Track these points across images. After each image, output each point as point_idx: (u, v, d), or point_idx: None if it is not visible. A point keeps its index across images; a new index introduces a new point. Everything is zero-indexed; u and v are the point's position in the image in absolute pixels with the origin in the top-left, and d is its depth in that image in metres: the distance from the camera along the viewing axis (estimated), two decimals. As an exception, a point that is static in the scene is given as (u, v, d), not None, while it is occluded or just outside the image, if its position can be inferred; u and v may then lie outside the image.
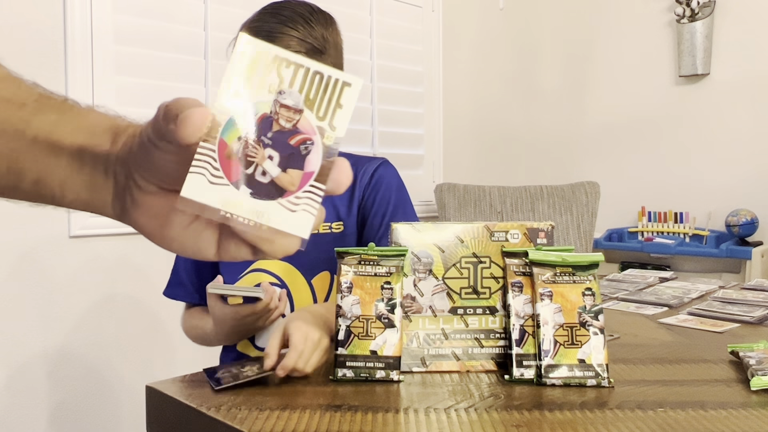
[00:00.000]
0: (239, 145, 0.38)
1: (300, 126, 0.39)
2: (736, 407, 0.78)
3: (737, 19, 2.79)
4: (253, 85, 0.39)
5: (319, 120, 0.39)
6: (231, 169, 0.38)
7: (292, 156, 0.39)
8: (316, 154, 0.39)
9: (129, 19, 1.88)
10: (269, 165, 0.39)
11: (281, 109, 0.39)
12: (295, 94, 0.39)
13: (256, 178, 0.39)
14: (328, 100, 0.39)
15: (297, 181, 0.39)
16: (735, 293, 1.47)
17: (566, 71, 3.32)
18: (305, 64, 0.39)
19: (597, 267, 0.91)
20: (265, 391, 0.85)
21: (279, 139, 0.39)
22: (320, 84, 0.39)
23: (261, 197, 0.39)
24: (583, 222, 2.48)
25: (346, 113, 0.40)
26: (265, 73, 0.39)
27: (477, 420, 0.75)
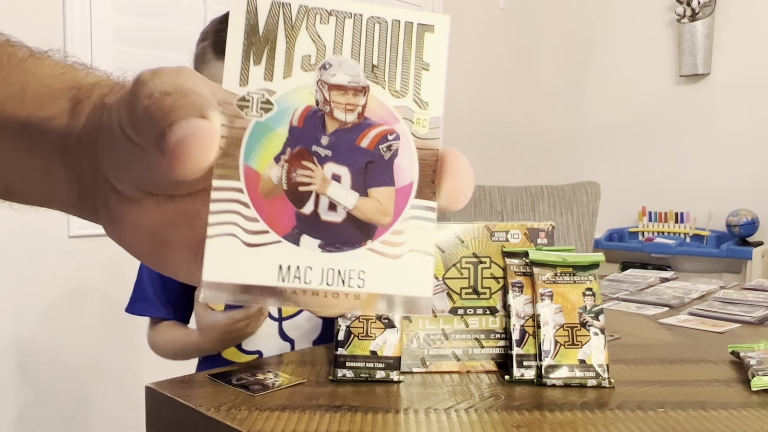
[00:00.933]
0: (279, 170, 0.24)
1: (370, 114, 0.25)
2: (736, 407, 0.78)
3: (738, 19, 2.79)
4: (275, 63, 0.25)
5: (398, 97, 0.25)
6: (277, 214, 0.24)
7: (370, 166, 0.25)
8: (407, 153, 0.25)
9: (128, 19, 1.88)
10: (338, 191, 0.25)
11: (332, 93, 0.25)
12: (349, 63, 0.25)
13: (322, 218, 0.25)
14: (404, 62, 0.25)
15: (389, 205, 0.25)
16: (735, 293, 1.46)
17: (566, 71, 3.32)
18: (353, 10, 0.25)
19: (597, 267, 0.91)
20: (264, 391, 0.85)
21: (342, 143, 0.25)
22: (385, 38, 0.25)
23: (338, 248, 0.25)
24: (583, 222, 2.48)
25: (437, 76, 0.26)
26: (290, 40, 0.25)
27: (477, 420, 0.75)
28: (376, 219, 0.25)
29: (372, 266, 0.25)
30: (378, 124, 0.25)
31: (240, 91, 0.24)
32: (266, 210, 0.24)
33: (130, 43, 1.88)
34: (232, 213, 0.24)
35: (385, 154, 0.25)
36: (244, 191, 0.24)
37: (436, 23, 0.26)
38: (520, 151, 3.33)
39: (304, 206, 0.24)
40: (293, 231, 0.24)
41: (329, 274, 0.24)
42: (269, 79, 0.25)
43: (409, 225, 0.25)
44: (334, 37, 0.25)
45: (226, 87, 0.24)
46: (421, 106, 0.25)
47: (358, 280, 0.24)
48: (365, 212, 0.25)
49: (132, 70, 0.29)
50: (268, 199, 0.24)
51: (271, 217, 0.24)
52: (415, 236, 0.25)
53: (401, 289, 0.25)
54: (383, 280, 0.25)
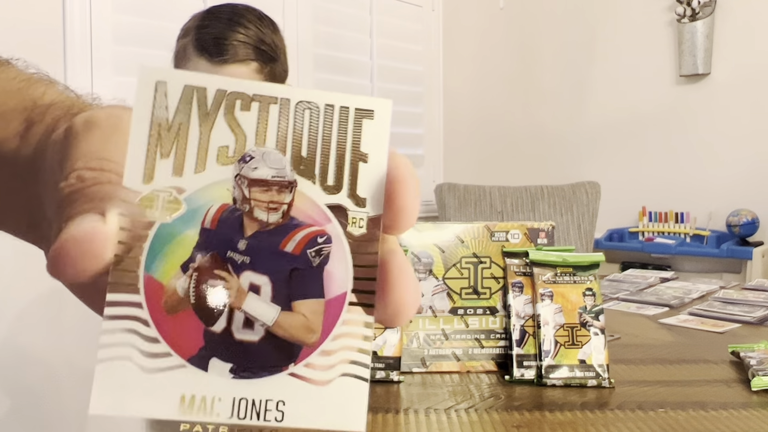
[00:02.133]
0: (187, 280, 0.21)
1: (296, 213, 0.22)
2: (736, 407, 0.78)
3: (738, 19, 2.79)
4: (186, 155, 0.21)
5: (330, 193, 0.22)
6: (182, 333, 0.21)
7: (295, 275, 0.21)
8: (339, 258, 0.22)
9: (128, 19, 1.88)
10: (255, 304, 0.21)
11: (253, 190, 0.21)
12: (273, 155, 0.22)
13: (235, 337, 0.21)
14: (338, 154, 0.22)
15: (317, 321, 0.21)
16: (736, 293, 1.46)
17: (566, 71, 3.32)
18: (279, 95, 0.22)
19: (598, 267, 0.91)
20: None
21: (262, 248, 0.21)
22: (316, 127, 0.22)
23: (254, 373, 0.21)
24: (583, 222, 2.48)
25: (377, 167, 0.22)
26: (204, 129, 0.21)
27: (477, 420, 0.75)
28: (301, 337, 0.21)
29: (294, 395, 0.21)
30: (306, 224, 0.22)
31: (144, 189, 0.21)
32: (169, 328, 0.21)
33: (130, 43, 1.88)
34: (128, 332, 0.20)
35: (314, 260, 0.21)
36: (144, 306, 0.21)
37: (376, 108, 0.22)
38: (520, 151, 3.33)
39: (214, 323, 0.21)
40: (200, 353, 0.21)
41: (241, 405, 0.20)
42: (179, 174, 0.21)
43: (340, 344, 0.21)
44: (257, 126, 0.22)
45: (128, 184, 0.21)
46: (357, 203, 0.22)
47: (276, 412, 0.20)
48: (288, 330, 0.21)
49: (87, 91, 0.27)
50: (173, 315, 0.21)
51: (175, 337, 0.21)
52: (348, 358, 0.21)
53: (329, 423, 0.21)
54: (307, 412, 0.21)
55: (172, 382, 0.20)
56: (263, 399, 0.21)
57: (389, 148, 0.22)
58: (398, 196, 0.22)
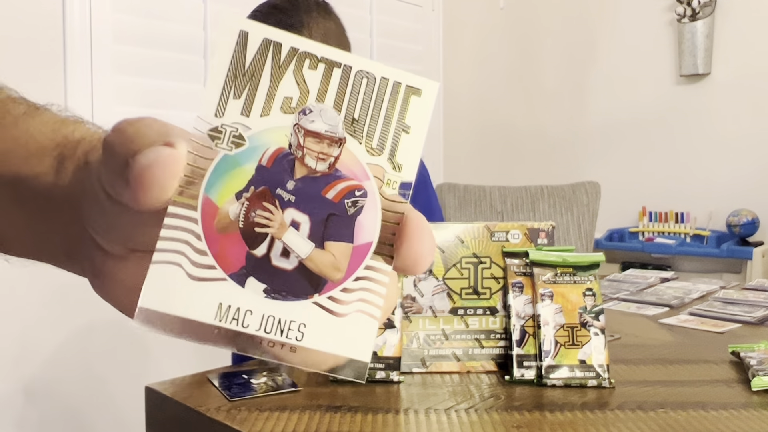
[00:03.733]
0: (239, 206, 0.24)
1: (341, 166, 0.24)
2: (737, 408, 0.78)
3: (738, 19, 2.79)
4: (255, 99, 0.24)
5: (373, 155, 0.24)
6: (228, 251, 0.23)
7: (331, 219, 0.24)
8: (371, 212, 0.24)
9: (128, 19, 1.88)
10: (294, 238, 0.24)
11: (307, 140, 0.24)
12: (330, 113, 0.24)
13: (273, 263, 0.24)
14: (385, 121, 0.25)
15: (344, 261, 0.24)
16: (736, 293, 1.46)
17: (567, 71, 3.32)
18: (344, 61, 0.24)
19: (598, 267, 0.91)
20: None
21: (307, 191, 0.24)
22: (370, 94, 0.24)
23: (283, 296, 0.24)
24: (583, 222, 2.48)
25: (416, 140, 0.25)
26: (275, 79, 0.24)
27: (477, 421, 0.75)
28: (328, 273, 0.24)
29: (315, 321, 0.24)
30: (347, 178, 0.24)
31: (214, 122, 0.24)
32: (217, 245, 0.23)
33: (130, 43, 1.88)
34: (182, 242, 0.23)
35: (349, 210, 0.24)
36: (199, 222, 0.23)
37: (425, 88, 0.25)
38: (520, 151, 3.33)
39: (256, 248, 0.24)
40: (240, 271, 0.23)
41: (269, 321, 0.23)
42: (246, 115, 0.24)
43: (360, 285, 0.24)
44: (320, 84, 0.24)
45: (201, 116, 0.24)
46: (394, 167, 0.25)
47: (297, 332, 0.24)
48: (318, 264, 0.24)
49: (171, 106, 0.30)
50: (222, 234, 0.23)
51: (221, 254, 0.23)
52: (364, 297, 0.24)
53: (339, 349, 0.24)
54: (324, 337, 0.24)
55: (212, 292, 0.23)
56: (288, 319, 0.24)
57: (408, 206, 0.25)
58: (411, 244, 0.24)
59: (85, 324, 1.85)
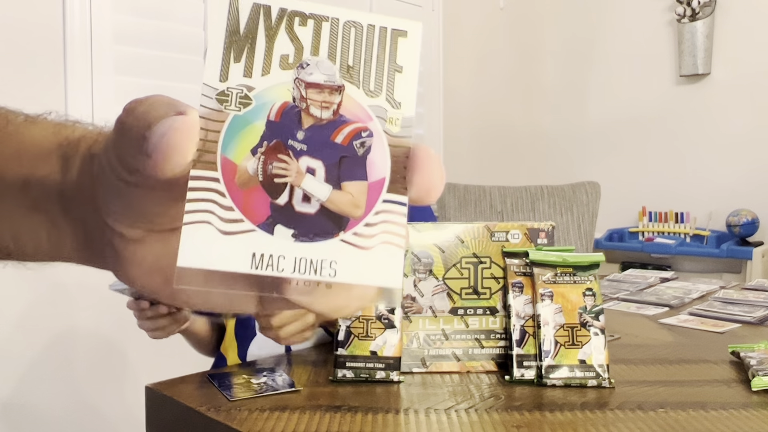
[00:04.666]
0: (256, 161, 0.25)
1: (345, 111, 0.26)
2: (737, 408, 0.78)
3: (738, 19, 2.79)
4: (255, 60, 0.25)
5: (371, 97, 0.26)
6: (252, 204, 0.25)
7: (343, 161, 0.26)
8: (379, 149, 0.26)
9: (128, 19, 1.88)
10: (312, 183, 0.25)
11: (309, 91, 0.26)
12: (326, 64, 0.26)
13: (295, 208, 0.25)
14: (378, 64, 0.26)
15: (362, 199, 0.25)
16: (736, 293, 1.46)
17: (567, 71, 3.32)
18: (330, 14, 0.26)
19: (598, 267, 0.91)
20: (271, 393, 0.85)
21: (317, 138, 0.26)
22: (360, 41, 0.26)
23: (310, 238, 0.25)
24: (583, 222, 2.48)
25: (410, 78, 0.27)
26: (269, 40, 0.25)
27: (477, 421, 0.75)
28: (349, 211, 0.25)
29: (344, 256, 0.25)
30: (352, 121, 0.26)
31: (220, 86, 0.25)
32: (242, 200, 0.25)
33: (130, 43, 1.88)
34: (208, 201, 0.24)
35: (359, 150, 0.26)
36: (221, 181, 0.25)
37: (409, 29, 0.27)
38: (520, 151, 3.33)
39: (278, 197, 0.25)
40: (268, 220, 0.25)
41: (302, 263, 0.25)
42: (248, 76, 0.25)
43: (380, 218, 0.25)
44: (312, 39, 0.26)
45: (207, 81, 0.25)
46: (394, 105, 0.26)
47: (330, 269, 0.25)
48: (338, 204, 0.25)
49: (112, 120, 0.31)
50: (244, 189, 0.25)
51: (247, 207, 0.25)
52: (387, 229, 0.25)
53: (372, 280, 0.25)
54: (355, 270, 0.25)
55: (245, 243, 0.24)
56: (319, 259, 0.25)
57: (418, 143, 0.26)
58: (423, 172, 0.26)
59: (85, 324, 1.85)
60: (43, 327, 1.78)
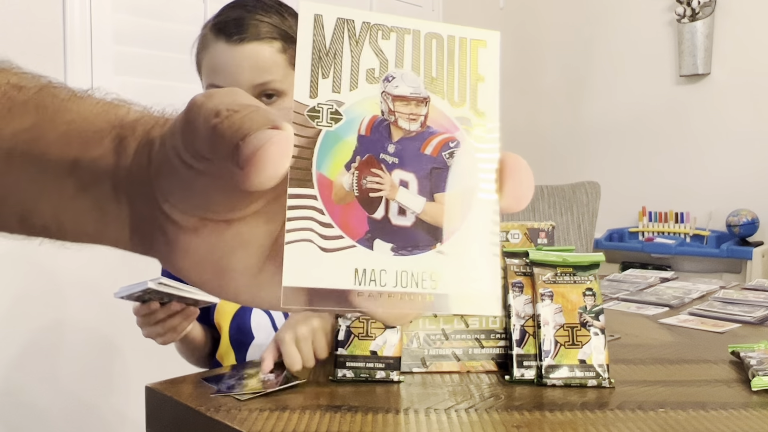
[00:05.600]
0: (350, 176, 0.25)
1: (432, 123, 0.26)
2: (737, 408, 0.78)
3: (738, 19, 2.79)
4: (342, 75, 0.25)
5: (456, 107, 0.26)
6: (350, 220, 0.25)
7: (435, 172, 0.26)
8: (467, 159, 0.26)
9: (128, 19, 1.88)
10: (406, 196, 0.25)
11: (396, 104, 0.26)
12: (410, 76, 0.26)
13: (392, 222, 0.25)
14: (460, 75, 0.26)
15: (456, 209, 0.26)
16: (736, 293, 1.46)
17: (566, 71, 3.32)
18: (412, 27, 0.26)
19: (598, 267, 0.91)
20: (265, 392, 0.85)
21: (407, 150, 0.26)
22: (442, 53, 0.26)
23: (409, 251, 0.25)
24: (583, 222, 2.48)
25: (492, 87, 0.27)
26: (355, 54, 0.25)
27: (477, 420, 0.75)
28: (444, 223, 0.25)
29: (443, 268, 0.25)
30: (440, 132, 0.26)
31: (311, 103, 0.25)
32: (340, 216, 0.25)
33: (130, 43, 1.88)
34: (307, 219, 0.24)
35: (448, 161, 0.26)
36: (318, 198, 0.24)
37: (488, 39, 0.27)
38: (519, 151, 3.29)
39: (375, 211, 0.25)
40: (366, 235, 0.25)
41: (403, 276, 0.25)
42: (337, 91, 0.25)
43: (475, 227, 0.26)
44: (396, 52, 0.26)
45: (298, 98, 0.25)
46: (478, 115, 0.27)
47: (431, 281, 0.25)
48: (433, 216, 0.25)
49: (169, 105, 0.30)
50: (341, 205, 0.25)
51: (345, 223, 0.25)
52: (483, 238, 0.26)
53: (472, 289, 0.25)
54: (454, 280, 0.25)
55: (346, 259, 0.24)
56: (419, 271, 0.25)
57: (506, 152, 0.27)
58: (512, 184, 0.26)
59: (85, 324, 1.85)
60: (44, 327, 1.78)
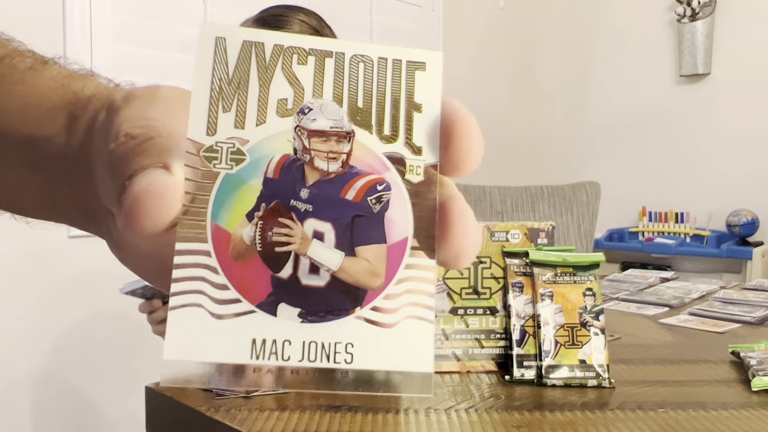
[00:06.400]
0: (252, 228, 0.21)
1: (356, 162, 0.22)
2: (737, 408, 0.78)
3: (738, 19, 2.79)
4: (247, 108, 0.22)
5: (387, 142, 0.22)
6: (250, 280, 0.21)
7: (357, 221, 0.22)
8: (400, 205, 0.22)
9: (128, 19, 1.88)
10: (320, 250, 0.21)
11: (312, 140, 0.22)
12: (331, 107, 0.22)
13: (302, 282, 0.21)
14: (393, 104, 0.22)
15: (381, 265, 0.21)
16: (736, 293, 1.46)
17: (567, 71, 3.31)
18: (334, 49, 0.22)
19: (598, 267, 0.91)
20: (264, 392, 0.85)
21: (324, 196, 0.22)
22: (371, 78, 0.22)
23: (321, 317, 0.21)
24: (583, 222, 2.48)
25: (431, 117, 0.23)
26: (263, 83, 0.22)
27: (477, 421, 0.75)
28: (366, 282, 0.21)
29: (362, 338, 0.21)
30: (365, 173, 0.22)
31: (207, 141, 0.22)
32: (237, 275, 0.21)
33: (130, 43, 1.88)
34: (197, 280, 0.21)
35: (374, 207, 0.22)
36: (212, 254, 0.21)
37: (428, 60, 0.23)
38: (520, 151, 3.33)
39: (281, 270, 0.21)
40: (269, 299, 0.21)
41: (311, 348, 0.21)
42: (240, 127, 0.22)
43: (403, 287, 0.21)
44: (314, 79, 0.22)
45: (192, 136, 0.21)
46: (414, 151, 0.22)
47: (346, 354, 0.21)
48: (352, 274, 0.21)
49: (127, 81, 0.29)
50: (240, 262, 0.21)
51: (244, 284, 0.21)
52: (412, 300, 0.21)
53: (397, 364, 0.21)
54: (375, 353, 0.21)
55: (243, 327, 0.21)
56: (332, 342, 0.21)
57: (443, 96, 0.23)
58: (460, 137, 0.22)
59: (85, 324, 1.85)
60: (44, 327, 1.78)
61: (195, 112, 0.22)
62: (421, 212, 0.22)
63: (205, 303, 0.21)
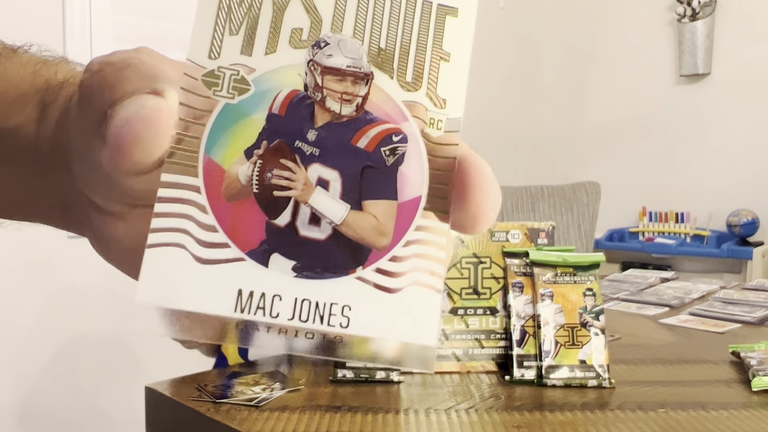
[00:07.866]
0: (250, 167, 0.19)
1: (372, 108, 0.20)
2: (737, 408, 0.78)
3: (738, 19, 2.79)
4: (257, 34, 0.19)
5: (409, 90, 0.20)
6: (242, 224, 0.19)
7: (367, 173, 0.19)
8: (415, 160, 0.20)
9: (128, 19, 1.88)
10: (323, 200, 0.19)
11: (326, 78, 0.19)
12: (350, 44, 0.20)
13: (300, 233, 0.19)
14: (419, 49, 0.20)
15: (389, 224, 0.19)
16: (736, 293, 1.46)
17: (567, 71, 3.31)
18: None
19: (598, 267, 0.91)
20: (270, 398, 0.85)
21: (333, 141, 0.19)
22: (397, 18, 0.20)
23: (318, 273, 0.19)
24: (583, 222, 2.48)
25: (459, 69, 0.20)
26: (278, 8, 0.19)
27: (477, 421, 0.75)
28: (371, 240, 0.19)
29: (361, 301, 0.19)
30: (381, 121, 0.20)
31: (209, 65, 0.19)
32: (228, 217, 0.19)
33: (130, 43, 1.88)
34: (182, 217, 0.18)
35: (388, 159, 0.20)
36: (202, 191, 0.18)
37: (461, 6, 0.21)
38: (520, 151, 3.33)
39: (277, 216, 0.19)
40: (261, 247, 0.19)
41: (303, 306, 0.19)
42: (248, 54, 0.19)
43: (412, 251, 0.19)
44: (334, 10, 0.20)
45: (192, 57, 0.19)
46: (436, 103, 0.20)
47: (342, 317, 0.19)
48: (357, 230, 0.19)
49: None
50: (232, 203, 0.19)
51: (234, 227, 0.19)
52: (420, 266, 0.19)
53: (398, 333, 0.19)
54: (375, 320, 0.19)
55: (229, 276, 0.18)
56: (328, 302, 0.19)
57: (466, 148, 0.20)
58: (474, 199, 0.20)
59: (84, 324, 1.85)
60: (44, 328, 1.78)
61: (198, 32, 0.19)
62: (437, 170, 0.20)
63: (189, 244, 0.18)
